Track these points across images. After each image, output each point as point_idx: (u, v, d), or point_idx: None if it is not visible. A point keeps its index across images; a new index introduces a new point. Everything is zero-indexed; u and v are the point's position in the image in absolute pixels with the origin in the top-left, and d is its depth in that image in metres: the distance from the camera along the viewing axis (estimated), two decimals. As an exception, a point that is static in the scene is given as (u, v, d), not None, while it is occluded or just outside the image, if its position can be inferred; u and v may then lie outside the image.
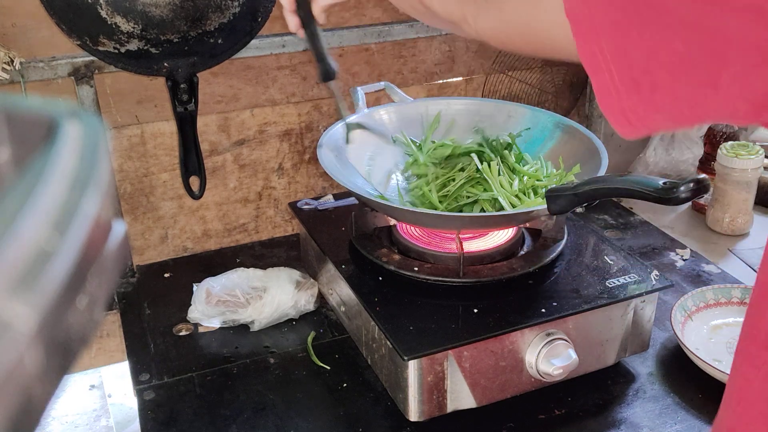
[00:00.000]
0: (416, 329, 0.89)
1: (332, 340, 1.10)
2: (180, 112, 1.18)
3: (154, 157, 1.27)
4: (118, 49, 1.09)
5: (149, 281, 1.26)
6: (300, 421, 0.94)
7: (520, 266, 1.00)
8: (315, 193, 1.42)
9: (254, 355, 1.06)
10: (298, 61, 1.32)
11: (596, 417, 0.95)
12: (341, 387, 1.00)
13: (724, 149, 1.33)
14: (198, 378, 1.02)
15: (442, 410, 0.91)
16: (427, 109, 1.23)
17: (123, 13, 1.06)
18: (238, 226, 1.38)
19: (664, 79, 0.50)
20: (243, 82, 1.29)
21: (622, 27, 0.51)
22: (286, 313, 1.12)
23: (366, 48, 1.37)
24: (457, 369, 0.89)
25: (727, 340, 1.06)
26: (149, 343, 1.10)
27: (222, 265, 1.24)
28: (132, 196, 1.28)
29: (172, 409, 0.97)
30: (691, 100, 0.50)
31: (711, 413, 0.95)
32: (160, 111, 1.25)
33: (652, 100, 0.51)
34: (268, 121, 1.34)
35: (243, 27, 1.16)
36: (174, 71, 1.13)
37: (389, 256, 1.03)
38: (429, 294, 0.97)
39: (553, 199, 0.92)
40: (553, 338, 0.91)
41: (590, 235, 1.10)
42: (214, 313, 1.10)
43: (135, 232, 1.31)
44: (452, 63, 1.46)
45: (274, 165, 1.37)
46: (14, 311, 0.20)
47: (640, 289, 0.97)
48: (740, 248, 1.33)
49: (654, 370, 1.03)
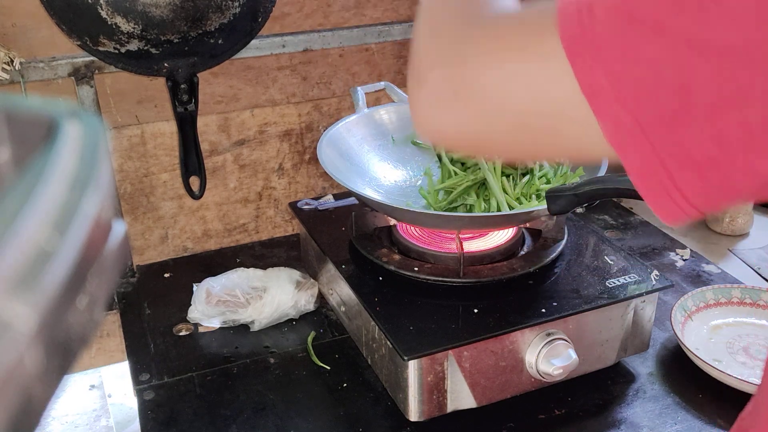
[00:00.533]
0: (416, 329, 0.89)
1: (332, 340, 1.10)
2: (180, 113, 1.18)
3: (154, 157, 1.27)
4: (119, 50, 1.09)
5: (149, 281, 1.26)
6: (300, 421, 0.94)
7: (520, 266, 1.00)
8: (315, 193, 1.42)
9: (254, 355, 1.06)
10: (298, 61, 1.32)
11: (596, 417, 0.95)
12: (341, 387, 1.00)
13: (724, 149, 1.32)
14: (198, 378, 1.02)
15: (442, 410, 0.91)
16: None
17: (123, 13, 1.06)
18: (238, 226, 1.38)
19: (732, 151, 0.40)
20: (243, 82, 1.29)
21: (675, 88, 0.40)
22: (286, 313, 1.12)
23: (366, 48, 1.37)
24: (457, 369, 0.89)
25: (727, 340, 1.06)
26: (149, 343, 1.10)
27: (222, 265, 1.24)
28: (132, 196, 1.28)
29: (172, 409, 0.97)
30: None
31: (711, 413, 0.95)
32: (160, 111, 1.25)
33: (715, 176, 0.41)
34: (268, 121, 1.34)
35: (243, 27, 1.16)
36: (174, 71, 1.13)
37: (389, 256, 1.03)
38: (429, 294, 0.97)
39: (553, 199, 0.92)
40: (553, 338, 0.91)
41: (590, 235, 1.10)
42: (214, 313, 1.10)
43: (135, 232, 1.31)
44: (452, 63, 1.46)
45: (274, 165, 1.37)
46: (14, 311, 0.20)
47: (640, 289, 0.97)
48: (740, 248, 1.33)
49: (654, 370, 1.03)
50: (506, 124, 0.47)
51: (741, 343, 1.05)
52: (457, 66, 0.48)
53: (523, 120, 0.46)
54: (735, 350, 1.04)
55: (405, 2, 1.37)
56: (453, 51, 0.49)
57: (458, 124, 0.49)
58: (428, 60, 0.51)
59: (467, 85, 0.47)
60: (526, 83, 0.45)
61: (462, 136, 0.51)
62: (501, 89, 0.46)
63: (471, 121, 0.48)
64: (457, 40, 0.49)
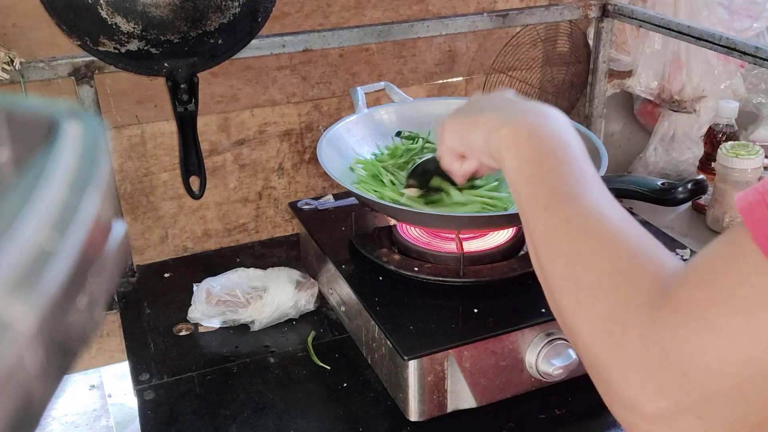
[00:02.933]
0: (416, 329, 0.89)
1: (332, 340, 1.10)
2: (180, 112, 1.18)
3: (154, 157, 1.27)
4: (119, 50, 1.09)
5: (149, 281, 1.26)
6: (300, 421, 0.94)
7: (520, 266, 1.00)
8: (315, 193, 1.42)
9: (254, 355, 1.06)
10: (298, 61, 1.32)
11: (596, 417, 0.95)
12: (341, 387, 1.00)
13: (724, 149, 1.33)
14: (198, 378, 1.02)
15: (442, 410, 0.91)
16: (426, 110, 1.23)
17: (123, 13, 1.06)
18: (238, 226, 1.38)
19: None
20: (243, 82, 1.30)
21: None
22: (286, 313, 1.12)
23: (366, 48, 1.37)
24: (457, 369, 0.89)
25: (727, 340, 1.05)
26: (149, 343, 1.10)
27: (222, 265, 1.24)
28: (132, 196, 1.28)
29: (172, 408, 0.97)
30: None
31: (711, 413, 0.95)
32: (160, 111, 1.25)
33: None
34: (268, 121, 1.34)
35: (243, 27, 1.15)
36: (174, 71, 1.13)
37: (389, 256, 1.03)
38: (429, 294, 0.97)
39: (553, 199, 0.92)
40: (553, 338, 0.91)
41: (590, 235, 1.10)
42: (214, 313, 1.10)
43: (135, 232, 1.31)
44: (452, 63, 1.46)
45: (274, 165, 1.37)
46: (14, 311, 0.20)
47: (640, 289, 0.97)
48: (740, 248, 1.33)
49: (654, 370, 1.02)
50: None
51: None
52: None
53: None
54: (735, 350, 1.04)
55: (405, 2, 1.37)
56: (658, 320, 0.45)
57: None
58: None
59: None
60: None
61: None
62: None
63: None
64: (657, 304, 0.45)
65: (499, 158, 0.65)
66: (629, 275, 0.48)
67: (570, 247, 0.52)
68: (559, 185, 0.57)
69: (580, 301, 0.50)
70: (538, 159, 0.60)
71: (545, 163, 0.59)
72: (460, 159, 0.79)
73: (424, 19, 1.33)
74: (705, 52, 1.45)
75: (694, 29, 1.27)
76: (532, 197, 0.58)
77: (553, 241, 0.54)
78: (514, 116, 0.65)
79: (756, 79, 1.58)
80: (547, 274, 0.54)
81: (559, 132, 0.62)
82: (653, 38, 1.49)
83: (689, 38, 1.28)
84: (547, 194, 0.57)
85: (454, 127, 0.75)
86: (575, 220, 0.53)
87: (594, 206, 0.54)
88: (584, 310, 0.50)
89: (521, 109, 0.67)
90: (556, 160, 0.59)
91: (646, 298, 0.46)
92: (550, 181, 0.58)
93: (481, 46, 1.47)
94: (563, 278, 0.52)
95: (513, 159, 0.62)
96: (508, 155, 0.63)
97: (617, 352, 0.47)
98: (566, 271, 0.52)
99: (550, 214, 0.55)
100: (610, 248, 0.50)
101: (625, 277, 0.48)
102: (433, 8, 1.40)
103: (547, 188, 0.57)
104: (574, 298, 0.50)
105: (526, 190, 0.59)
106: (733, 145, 1.33)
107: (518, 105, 0.69)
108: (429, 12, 1.39)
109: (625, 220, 0.53)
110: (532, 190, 0.58)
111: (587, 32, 1.52)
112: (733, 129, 1.43)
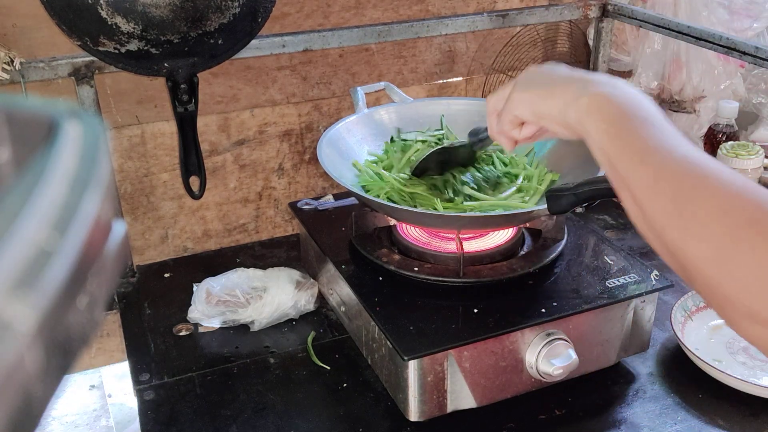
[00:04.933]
0: (416, 329, 0.89)
1: (332, 340, 1.10)
2: (180, 113, 1.18)
3: (154, 157, 1.27)
4: (119, 50, 1.09)
5: (149, 281, 1.26)
6: (300, 421, 0.94)
7: (520, 266, 1.00)
8: (315, 193, 1.42)
9: (254, 355, 1.06)
10: (298, 61, 1.32)
11: (596, 417, 0.95)
12: (341, 387, 1.00)
13: (724, 149, 1.33)
14: (198, 378, 1.02)
15: (442, 410, 0.91)
16: (426, 110, 1.23)
17: (123, 13, 1.06)
18: (238, 226, 1.38)
19: None
20: (243, 82, 1.30)
21: None
22: (286, 313, 1.12)
23: (366, 48, 1.37)
24: (457, 369, 0.89)
25: (727, 340, 1.06)
26: (149, 343, 1.10)
27: (222, 265, 1.24)
28: (132, 196, 1.28)
29: (172, 409, 0.97)
30: None
31: (711, 413, 0.95)
32: (160, 111, 1.25)
33: None
34: (268, 121, 1.34)
35: (243, 27, 1.16)
36: (174, 71, 1.13)
37: (389, 256, 1.03)
38: (429, 294, 0.97)
39: (553, 199, 0.92)
40: (553, 338, 0.91)
41: (590, 235, 1.10)
42: (214, 313, 1.10)
43: (135, 232, 1.31)
44: (452, 63, 1.46)
45: (274, 165, 1.37)
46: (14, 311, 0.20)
47: (640, 289, 0.97)
48: (740, 248, 1.33)
49: (654, 370, 1.03)
50: None
51: (741, 343, 1.05)
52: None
53: None
54: (735, 350, 1.04)
55: (405, 2, 1.37)
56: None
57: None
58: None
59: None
60: None
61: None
62: None
63: None
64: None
65: (580, 126, 0.68)
66: (736, 201, 0.53)
67: (676, 187, 0.56)
68: (649, 138, 0.60)
69: (689, 230, 0.54)
70: (622, 120, 0.64)
71: (630, 123, 0.63)
72: (519, 126, 0.83)
73: (424, 19, 1.33)
74: (705, 52, 1.45)
75: (694, 29, 1.27)
76: (625, 155, 0.61)
77: (655, 188, 0.57)
78: (591, 87, 0.69)
79: (756, 79, 1.58)
80: (652, 219, 0.58)
81: (634, 96, 0.66)
82: (653, 38, 1.49)
83: (689, 38, 1.28)
84: (640, 150, 0.60)
85: (524, 98, 0.78)
86: (673, 167, 0.57)
87: (690, 154, 0.57)
88: (694, 237, 0.54)
89: (594, 81, 0.71)
90: (639, 120, 0.63)
91: (759, 217, 0.51)
92: (640, 138, 0.61)
93: (481, 46, 1.47)
94: (669, 215, 0.56)
95: (600, 123, 0.66)
96: (592, 120, 0.67)
97: (731, 266, 0.51)
98: (672, 207, 0.55)
99: (647, 167, 0.59)
100: (714, 183, 0.54)
101: (732, 204, 0.53)
102: (433, 8, 1.40)
103: (640, 144, 0.61)
104: (683, 229, 0.54)
105: (616, 149, 0.62)
106: (733, 145, 1.33)
107: (588, 76, 0.73)
108: (429, 12, 1.40)
109: (722, 166, 0.56)
110: (624, 148, 0.62)
111: (587, 32, 1.52)
112: (733, 129, 1.43)
